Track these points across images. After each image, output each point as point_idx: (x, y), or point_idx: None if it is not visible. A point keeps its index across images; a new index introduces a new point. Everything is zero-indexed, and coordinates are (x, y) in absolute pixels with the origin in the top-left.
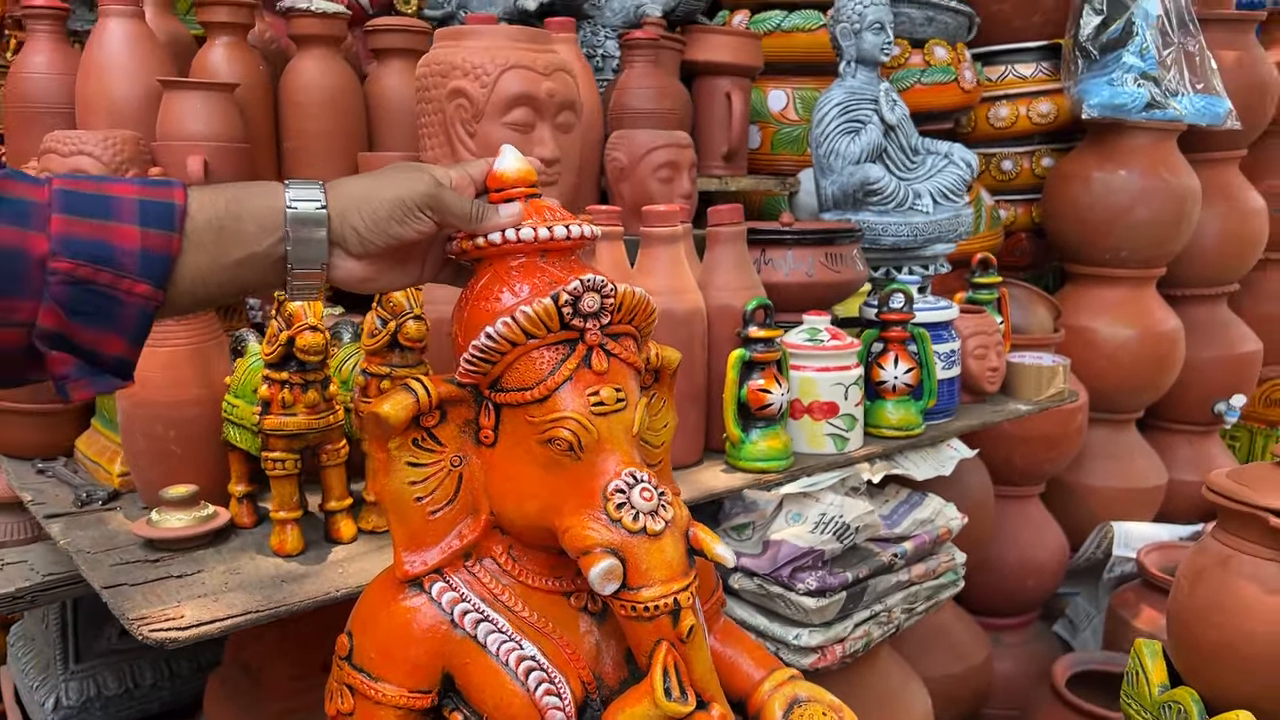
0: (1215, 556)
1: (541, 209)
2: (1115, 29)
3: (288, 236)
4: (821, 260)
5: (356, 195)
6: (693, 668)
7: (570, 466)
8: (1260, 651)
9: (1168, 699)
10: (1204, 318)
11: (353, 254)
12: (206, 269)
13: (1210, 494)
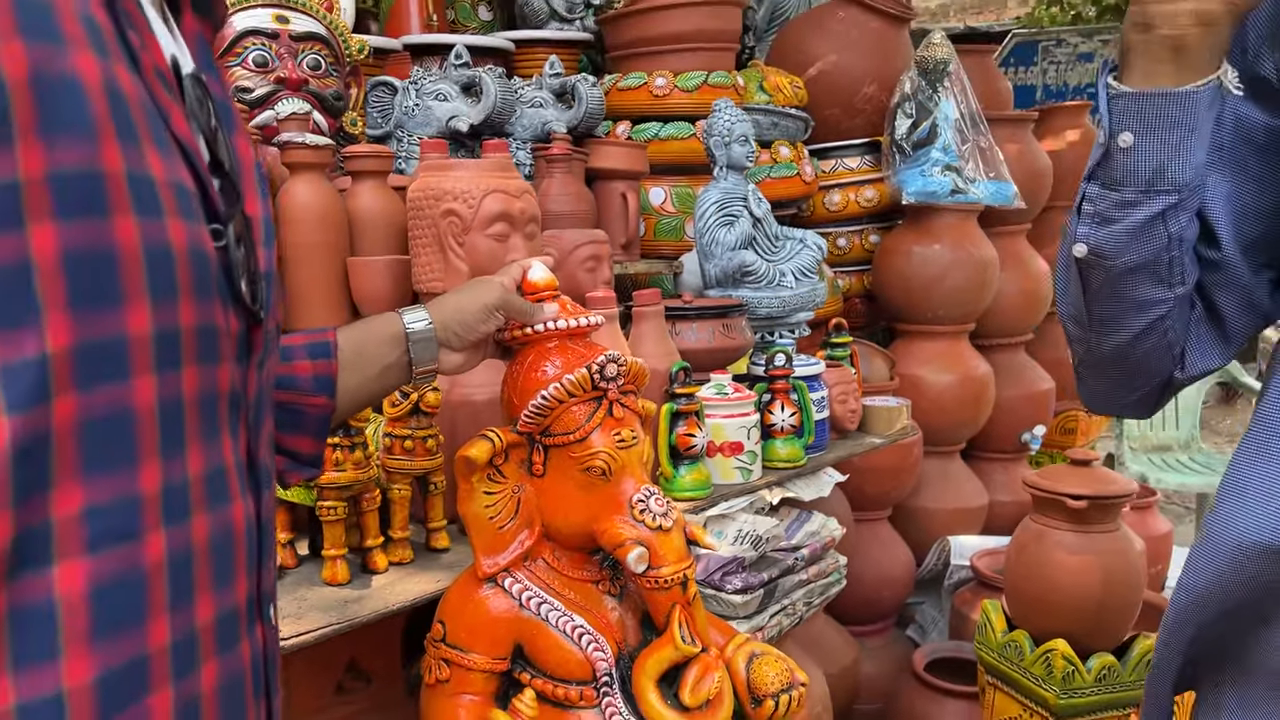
0: (1033, 533)
1: (565, 305)
2: (923, 130)
3: (409, 349)
4: (719, 330)
5: (450, 308)
6: (695, 622)
7: (602, 487)
8: (1065, 598)
9: (1007, 640)
10: (1007, 363)
11: (454, 349)
12: (356, 380)
13: (1027, 487)
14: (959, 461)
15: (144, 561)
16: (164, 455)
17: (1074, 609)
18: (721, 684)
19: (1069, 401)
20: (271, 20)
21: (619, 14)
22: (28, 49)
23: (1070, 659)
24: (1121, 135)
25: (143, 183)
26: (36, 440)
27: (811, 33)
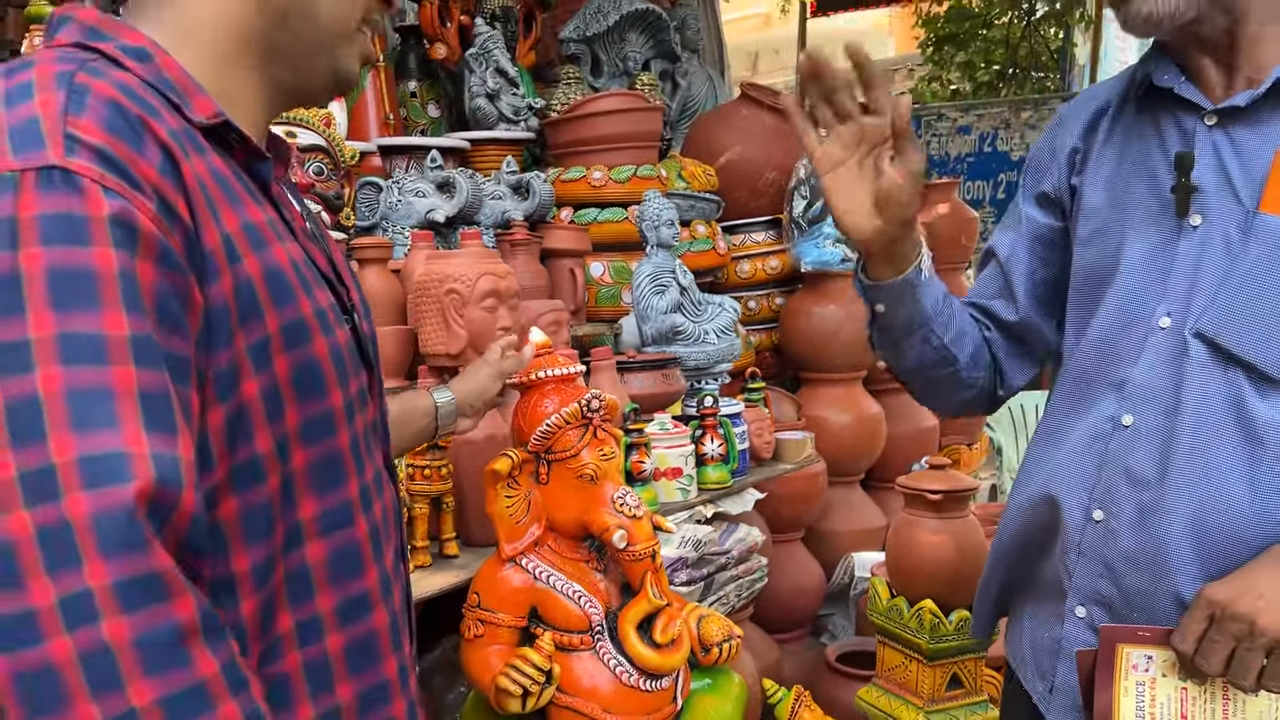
0: (904, 521)
1: (556, 357)
2: (816, 208)
3: (437, 418)
4: (660, 378)
5: (467, 384)
6: (660, 584)
7: (591, 489)
8: (930, 569)
9: (890, 605)
10: (896, 404)
11: (467, 416)
12: (396, 440)
13: (900, 487)
14: (859, 490)
15: (358, 536)
16: (358, 472)
17: (936, 576)
18: (682, 628)
19: (952, 436)
20: (283, 135)
21: (560, 119)
22: (258, 258)
23: (936, 614)
24: (876, 305)
25: (319, 312)
26: (286, 479)
27: (719, 127)
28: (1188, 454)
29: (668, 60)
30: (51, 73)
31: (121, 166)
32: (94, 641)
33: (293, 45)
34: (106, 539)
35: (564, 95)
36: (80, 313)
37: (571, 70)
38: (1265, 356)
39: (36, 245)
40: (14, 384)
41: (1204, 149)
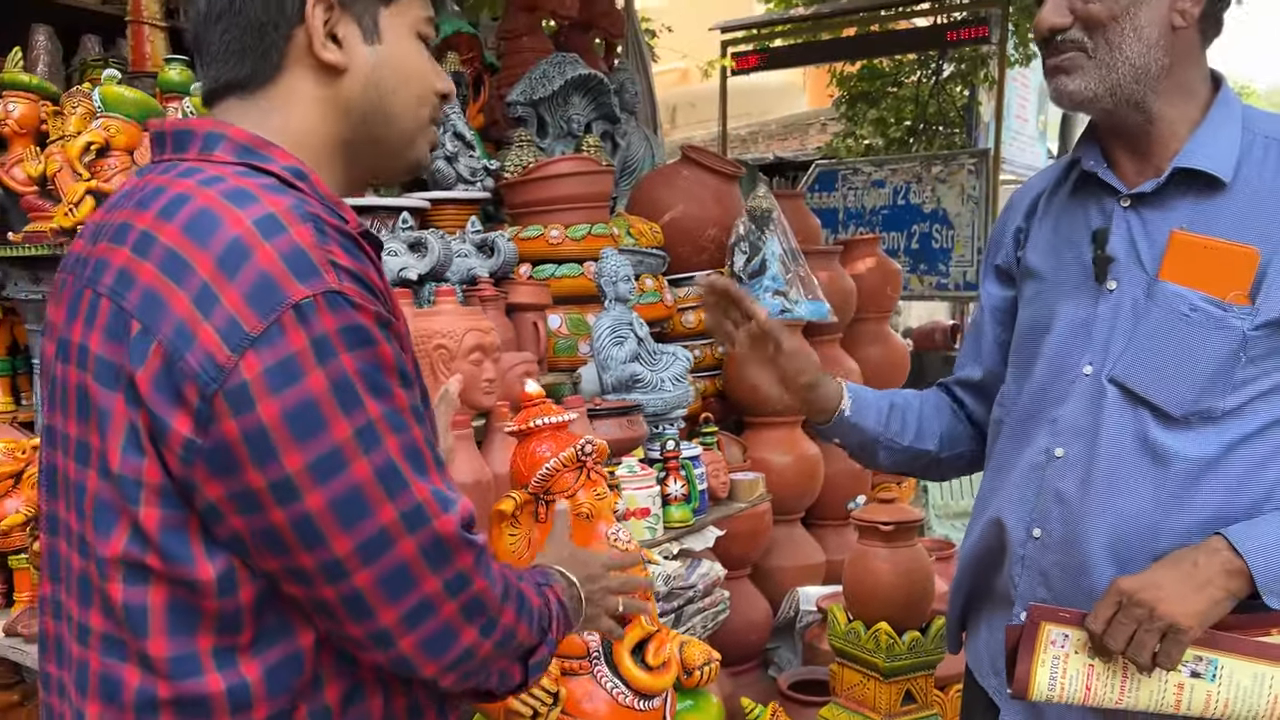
0: (859, 552)
1: (550, 405)
2: (756, 263)
3: None
4: (625, 424)
5: None
6: (652, 612)
7: (586, 526)
8: (883, 593)
9: (849, 629)
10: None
11: None
12: None
13: (854, 520)
14: (800, 528)
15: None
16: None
17: (889, 600)
18: (671, 652)
19: (881, 476)
20: None
21: (518, 180)
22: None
23: (891, 635)
24: (831, 439)
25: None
26: None
27: (663, 187)
28: (1105, 477)
29: (608, 122)
30: (286, 205)
31: (365, 281)
32: (472, 596)
33: (373, 146)
34: (459, 543)
35: (517, 157)
36: (386, 396)
37: (524, 134)
38: (1164, 397)
39: (346, 353)
40: (376, 456)
41: (1119, 226)
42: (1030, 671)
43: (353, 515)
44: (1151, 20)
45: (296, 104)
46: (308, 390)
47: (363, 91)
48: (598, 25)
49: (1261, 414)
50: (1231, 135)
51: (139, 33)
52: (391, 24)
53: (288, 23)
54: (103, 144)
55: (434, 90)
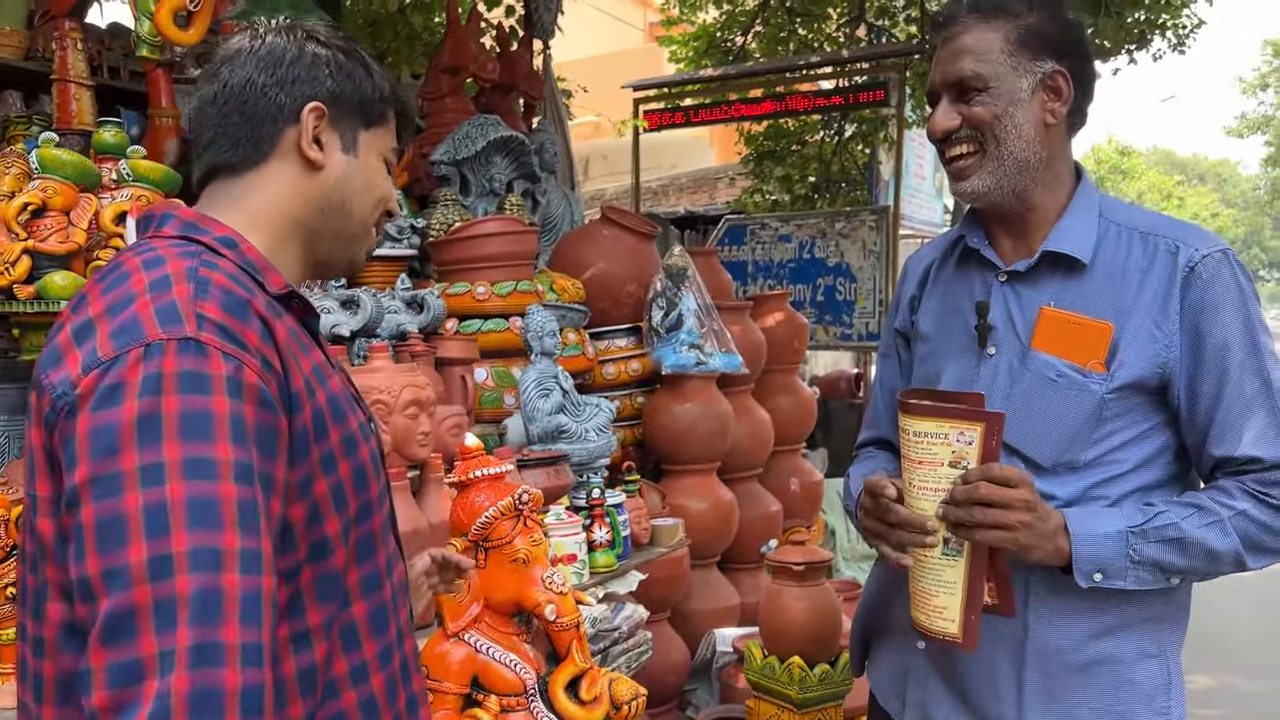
0: (773, 591)
1: (489, 458)
2: (672, 318)
3: None
4: (552, 473)
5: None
6: (584, 650)
7: (523, 570)
8: (794, 629)
9: (764, 664)
10: (746, 491)
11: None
12: None
13: (768, 560)
14: (716, 571)
15: (385, 598)
16: (384, 545)
17: (801, 636)
18: (603, 688)
19: (792, 519)
20: None
21: (446, 239)
22: (323, 391)
23: (803, 668)
24: None
25: (360, 426)
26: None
27: (585, 245)
28: None
29: (529, 180)
30: (182, 269)
31: (234, 336)
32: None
33: (329, 234)
34: (201, 611)
35: (442, 215)
36: (201, 443)
37: (448, 193)
38: (1035, 450)
39: (174, 394)
40: (151, 494)
41: (997, 298)
42: (925, 415)
43: (108, 542)
44: (1027, 119)
45: (274, 187)
46: (116, 416)
47: (331, 189)
48: (518, 87)
49: (1117, 464)
50: (1090, 222)
51: (65, 91)
52: (367, 143)
53: (285, 120)
54: (39, 205)
55: (386, 204)
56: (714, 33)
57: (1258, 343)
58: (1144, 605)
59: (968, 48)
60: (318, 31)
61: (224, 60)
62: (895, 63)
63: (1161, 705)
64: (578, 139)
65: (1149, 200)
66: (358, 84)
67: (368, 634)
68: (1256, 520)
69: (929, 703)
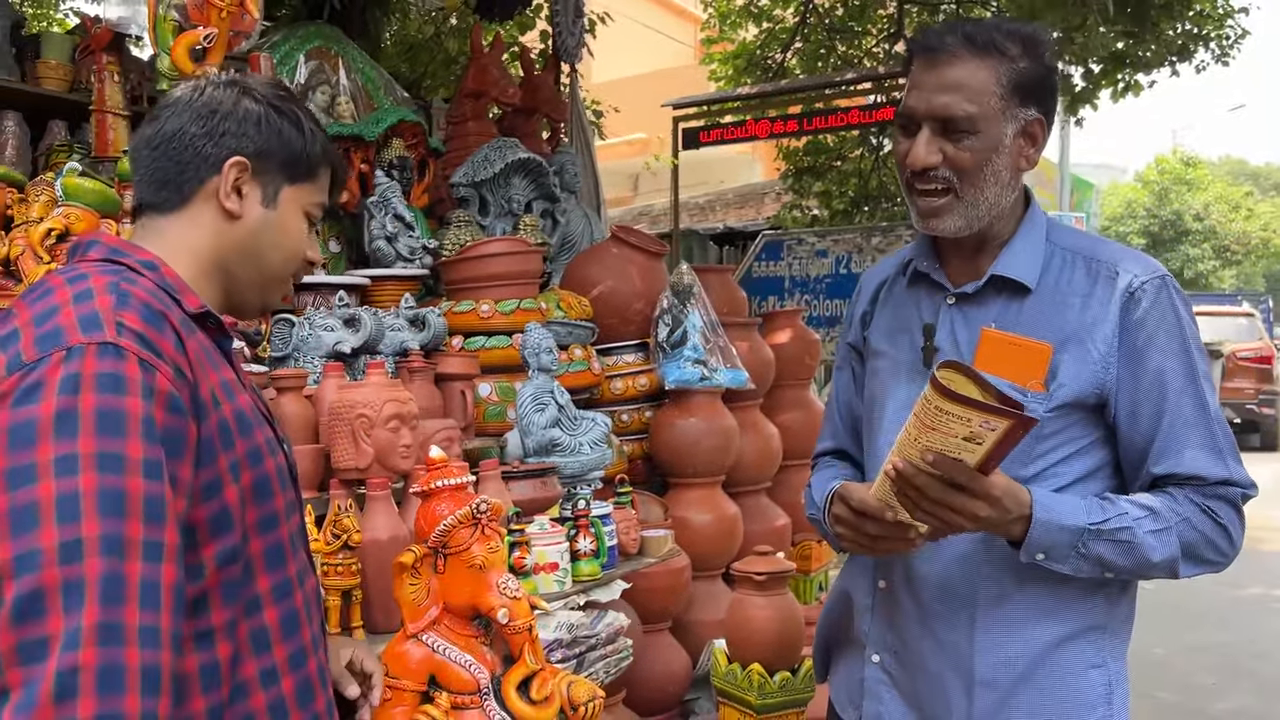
0: (737, 600)
1: (450, 469)
2: (678, 334)
3: None
4: (539, 485)
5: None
6: (535, 652)
7: (480, 576)
8: (757, 638)
9: (728, 670)
10: (753, 505)
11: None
12: None
13: (733, 570)
14: (721, 583)
15: (296, 605)
16: (293, 556)
17: (763, 644)
18: (554, 688)
19: (803, 533)
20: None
21: (453, 259)
22: (230, 404)
23: (763, 674)
24: None
25: (267, 441)
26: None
27: (593, 264)
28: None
29: (548, 201)
30: (104, 283)
31: (150, 344)
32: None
33: (243, 278)
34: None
35: (455, 236)
36: (113, 439)
37: (462, 214)
38: None
39: (91, 393)
40: (64, 483)
41: (944, 320)
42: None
43: (20, 527)
44: (1005, 165)
45: (194, 229)
46: (35, 412)
47: (246, 238)
48: (541, 110)
49: (1059, 476)
50: (1037, 247)
51: (102, 121)
52: (289, 198)
53: (207, 170)
54: (63, 230)
55: (302, 257)
56: (754, 50)
57: (1194, 367)
58: (1089, 615)
59: (960, 83)
60: (256, 88)
61: (165, 106)
62: None
63: (1103, 714)
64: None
65: (1216, 212)
66: (286, 141)
67: (279, 638)
68: (1199, 530)
69: (884, 715)
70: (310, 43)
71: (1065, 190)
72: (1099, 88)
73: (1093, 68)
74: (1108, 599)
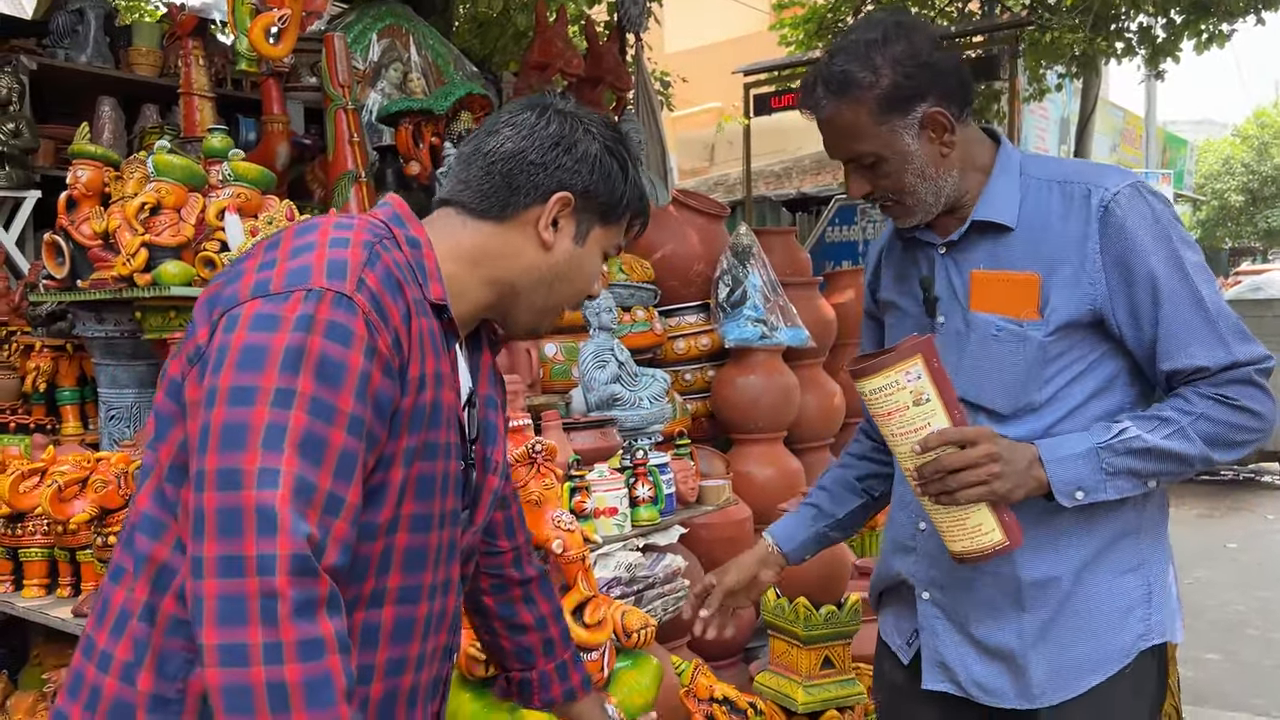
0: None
1: (510, 413)
2: (737, 294)
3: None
4: (599, 435)
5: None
6: (589, 580)
7: (537, 510)
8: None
9: (776, 604)
10: (816, 460)
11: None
12: None
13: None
14: None
15: (418, 614)
16: (434, 568)
17: (807, 579)
18: (606, 614)
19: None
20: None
21: None
22: (433, 393)
23: (809, 608)
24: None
25: (447, 444)
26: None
27: (655, 228)
28: None
29: None
30: (363, 239)
31: (382, 308)
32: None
33: (526, 300)
34: (293, 519)
35: None
36: (330, 388)
37: None
38: (993, 402)
39: (321, 337)
40: (277, 414)
41: (940, 270)
42: (874, 372)
43: (229, 443)
44: (926, 161)
45: (499, 243)
46: (269, 340)
47: (548, 268)
48: (605, 80)
49: (1072, 397)
50: (1012, 186)
51: (190, 103)
52: (596, 238)
53: (535, 199)
54: (154, 204)
55: (589, 292)
56: (825, 14)
57: (1181, 262)
58: (1121, 522)
59: (841, 129)
60: (595, 126)
61: (509, 123)
62: (1008, 35)
63: (1142, 614)
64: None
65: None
66: (611, 186)
67: (387, 640)
68: (1218, 420)
69: (940, 648)
70: (382, 21)
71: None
72: (1181, 39)
73: (1174, 18)
74: (1135, 505)
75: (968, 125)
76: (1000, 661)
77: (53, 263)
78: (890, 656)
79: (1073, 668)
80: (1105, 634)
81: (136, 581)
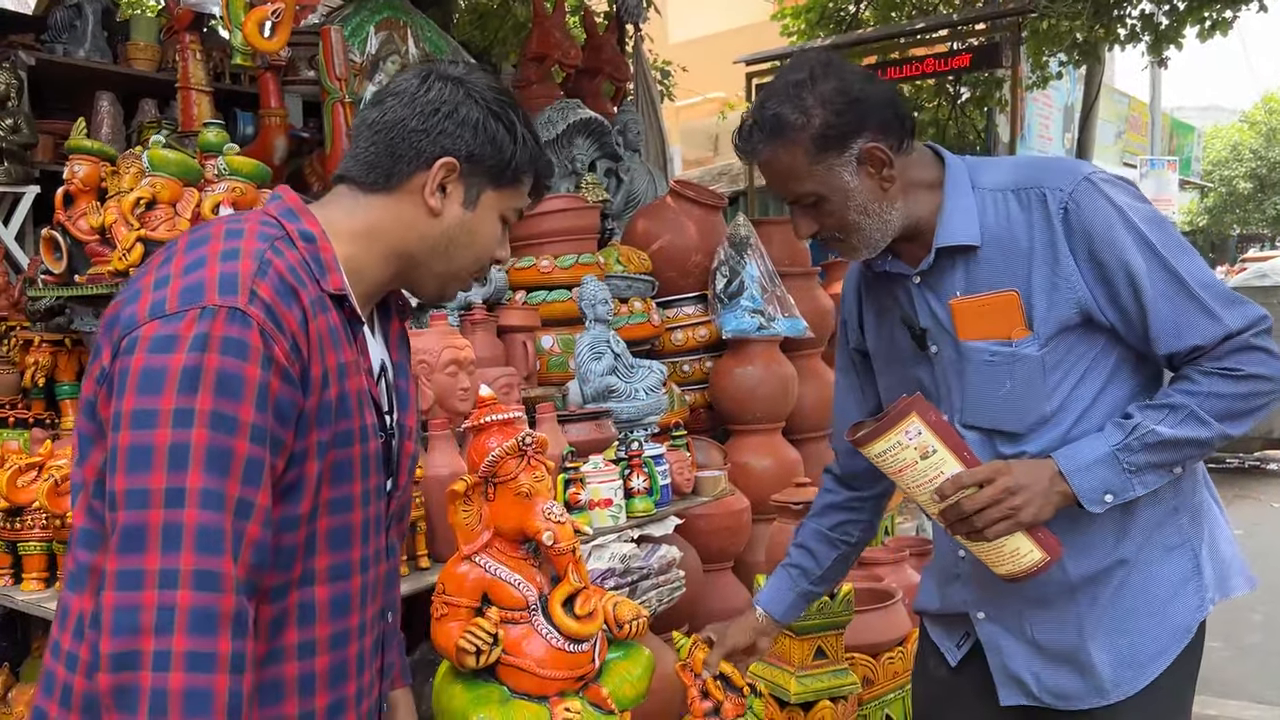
0: (778, 528)
1: (500, 406)
2: (735, 285)
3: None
4: (594, 427)
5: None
6: (579, 571)
7: (527, 503)
8: None
9: None
10: (814, 451)
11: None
12: None
13: (772, 501)
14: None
15: (351, 589)
16: (362, 543)
17: None
18: (597, 605)
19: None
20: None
21: None
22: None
23: None
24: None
25: (363, 428)
26: (310, 535)
27: (652, 219)
28: None
29: (611, 160)
30: (254, 248)
31: (276, 316)
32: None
33: (425, 268)
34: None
35: None
36: (230, 400)
37: None
38: (1005, 423)
39: (217, 354)
40: (179, 434)
41: (920, 301)
42: (875, 439)
43: (135, 464)
44: (867, 197)
45: (391, 215)
46: (166, 361)
47: (440, 235)
48: (603, 71)
49: (1082, 399)
50: (967, 204)
51: (187, 97)
52: (489, 202)
53: (419, 165)
54: (150, 199)
55: (490, 258)
56: (826, 4)
57: (1151, 245)
58: (1160, 502)
59: (780, 172)
60: (478, 90)
61: (393, 92)
62: (1009, 23)
63: (1196, 585)
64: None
65: None
66: (498, 148)
67: (325, 617)
68: (1226, 394)
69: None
70: (380, 14)
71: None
72: (1184, 25)
73: (1177, 4)
74: (1172, 486)
75: (909, 153)
76: (1066, 664)
77: (51, 258)
78: (936, 654)
79: (1136, 654)
80: (1162, 611)
81: (85, 590)
